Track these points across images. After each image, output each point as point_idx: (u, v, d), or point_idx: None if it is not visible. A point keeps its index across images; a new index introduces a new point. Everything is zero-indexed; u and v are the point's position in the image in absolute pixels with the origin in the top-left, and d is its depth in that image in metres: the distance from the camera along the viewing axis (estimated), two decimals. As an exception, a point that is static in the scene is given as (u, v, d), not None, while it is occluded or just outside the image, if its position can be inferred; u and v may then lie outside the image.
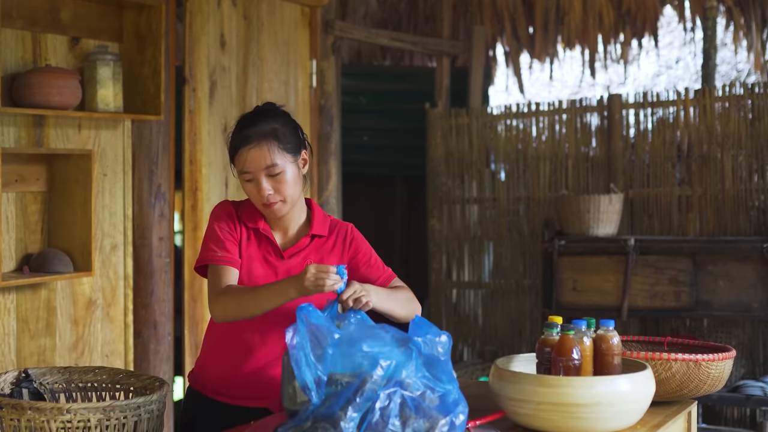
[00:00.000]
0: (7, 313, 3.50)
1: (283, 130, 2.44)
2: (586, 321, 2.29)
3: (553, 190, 6.03)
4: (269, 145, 2.41)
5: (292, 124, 2.49)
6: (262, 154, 2.40)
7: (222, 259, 2.43)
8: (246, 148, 2.41)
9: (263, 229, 2.49)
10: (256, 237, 2.50)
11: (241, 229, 2.49)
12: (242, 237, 2.48)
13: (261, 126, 2.42)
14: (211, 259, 2.44)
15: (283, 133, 2.44)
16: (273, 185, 2.42)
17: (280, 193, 2.43)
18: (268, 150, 2.41)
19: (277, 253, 2.49)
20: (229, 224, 2.49)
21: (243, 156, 2.41)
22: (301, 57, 4.90)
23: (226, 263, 2.43)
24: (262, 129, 2.42)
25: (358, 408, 1.83)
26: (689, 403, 2.48)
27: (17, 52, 3.52)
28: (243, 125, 2.45)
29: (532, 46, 6.92)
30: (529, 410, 2.11)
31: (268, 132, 2.42)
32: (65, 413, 2.09)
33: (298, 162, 2.48)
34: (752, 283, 4.98)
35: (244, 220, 2.51)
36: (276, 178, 2.42)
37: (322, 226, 2.54)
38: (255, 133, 2.41)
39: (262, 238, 2.50)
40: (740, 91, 5.51)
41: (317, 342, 1.93)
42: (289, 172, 2.44)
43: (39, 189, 3.61)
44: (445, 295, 6.49)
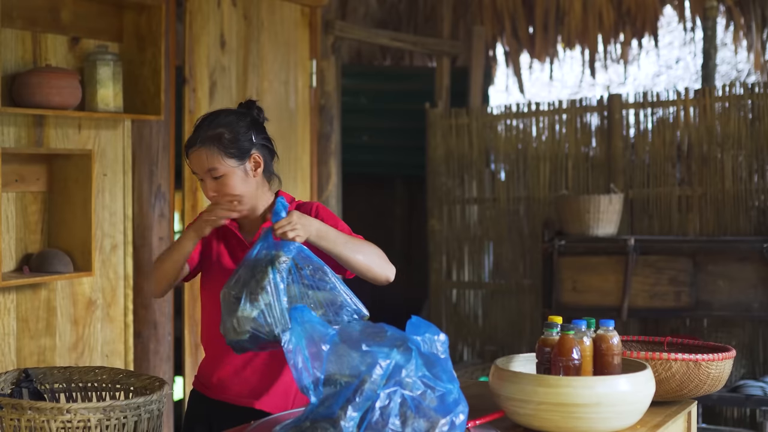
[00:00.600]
0: (7, 313, 3.50)
1: (229, 135, 2.49)
2: (586, 321, 2.28)
3: (553, 190, 6.03)
4: (210, 150, 2.47)
5: (242, 128, 2.51)
6: (201, 158, 2.48)
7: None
8: (190, 150, 2.51)
9: (228, 225, 2.56)
10: (224, 235, 2.58)
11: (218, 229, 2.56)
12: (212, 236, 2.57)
13: (206, 130, 2.49)
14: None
15: (228, 140, 2.48)
16: (217, 187, 2.49)
17: (225, 195, 2.49)
18: (207, 155, 2.47)
19: (242, 245, 2.54)
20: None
21: (189, 157, 2.52)
22: (301, 57, 4.90)
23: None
24: (206, 133, 2.49)
25: (357, 407, 1.83)
26: (689, 403, 2.48)
27: (17, 52, 3.52)
28: (195, 127, 2.54)
29: (532, 46, 6.92)
30: (529, 410, 2.11)
31: (211, 137, 2.48)
32: (65, 413, 2.09)
33: (246, 166, 2.51)
34: (752, 283, 4.98)
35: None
36: (219, 181, 2.49)
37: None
38: (199, 137, 2.49)
39: (229, 235, 2.58)
40: (740, 91, 5.51)
41: (312, 341, 1.93)
42: (232, 176, 2.49)
43: (39, 189, 3.61)
44: (445, 295, 6.49)
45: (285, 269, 2.26)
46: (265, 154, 2.54)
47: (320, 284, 2.28)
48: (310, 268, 2.29)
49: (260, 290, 2.23)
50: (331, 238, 2.37)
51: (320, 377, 1.91)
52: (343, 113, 5.88)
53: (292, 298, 2.25)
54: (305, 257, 2.30)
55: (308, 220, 2.33)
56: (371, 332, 1.96)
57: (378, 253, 2.47)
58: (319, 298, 2.27)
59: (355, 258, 2.41)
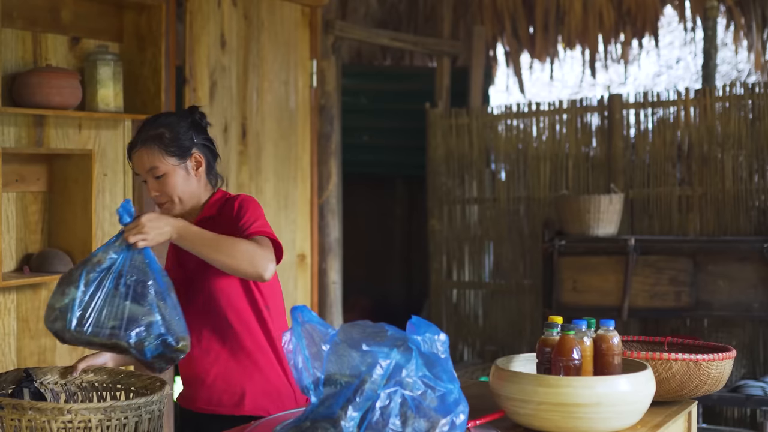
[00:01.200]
0: (8, 313, 3.50)
1: (170, 134, 2.52)
2: (586, 321, 2.28)
3: (554, 190, 6.03)
4: (150, 149, 2.52)
5: (183, 128, 2.55)
6: (142, 158, 2.53)
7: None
8: (132, 152, 2.56)
9: None
10: None
11: None
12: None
13: (148, 130, 2.53)
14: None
15: (169, 138, 2.52)
16: (159, 187, 2.52)
17: (166, 194, 2.53)
18: (148, 154, 2.52)
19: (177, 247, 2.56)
20: None
21: (131, 159, 2.56)
22: (301, 57, 4.90)
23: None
24: (148, 133, 2.53)
25: (358, 407, 1.83)
26: (689, 403, 2.48)
27: (17, 52, 3.52)
28: (137, 130, 2.59)
29: (532, 46, 6.92)
30: (530, 410, 2.11)
31: (152, 136, 2.52)
32: (66, 413, 2.09)
33: (187, 164, 2.54)
34: (752, 283, 4.98)
35: None
36: (161, 180, 2.52)
37: (210, 209, 2.59)
38: (140, 137, 2.54)
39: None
40: (740, 91, 5.51)
41: (312, 341, 1.93)
42: (173, 175, 2.52)
43: (39, 189, 3.62)
44: (446, 295, 6.49)
45: (99, 270, 2.26)
46: (206, 154, 2.58)
47: (137, 298, 2.27)
48: (133, 278, 2.28)
49: (71, 284, 2.26)
50: (191, 238, 2.34)
51: (320, 377, 1.91)
52: (344, 113, 5.88)
53: (100, 300, 2.26)
54: (137, 267, 2.29)
55: (163, 223, 2.32)
56: (371, 332, 1.96)
57: (246, 251, 2.35)
58: (123, 309, 2.25)
59: (217, 257, 2.34)
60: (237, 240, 2.37)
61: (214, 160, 2.63)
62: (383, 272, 7.69)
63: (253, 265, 2.35)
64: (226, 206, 2.55)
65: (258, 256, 2.36)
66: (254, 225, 2.46)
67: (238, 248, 2.35)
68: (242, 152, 4.52)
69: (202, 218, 2.55)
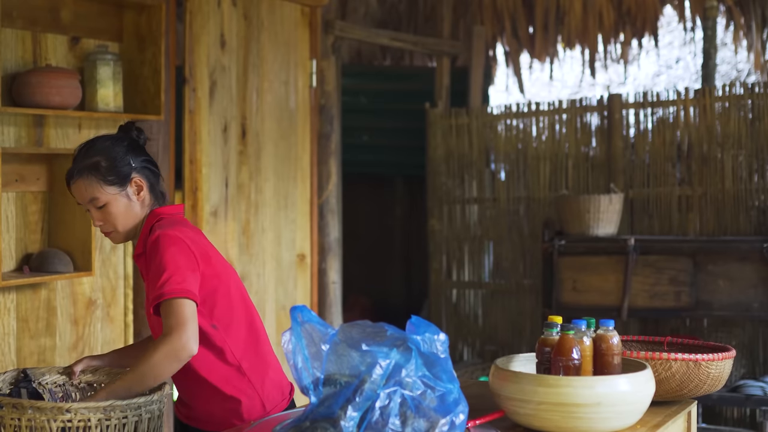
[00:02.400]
0: (7, 313, 3.50)
1: (106, 163, 2.44)
2: (586, 321, 2.28)
3: (553, 190, 6.03)
4: (88, 180, 2.45)
5: (119, 153, 2.46)
6: (80, 189, 2.46)
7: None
8: (70, 183, 2.48)
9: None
10: None
11: None
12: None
13: (82, 160, 2.46)
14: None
15: (106, 167, 2.44)
16: (102, 216, 2.46)
17: (110, 224, 2.47)
18: (86, 185, 2.45)
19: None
20: None
21: (70, 189, 2.49)
22: (301, 57, 4.90)
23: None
24: (83, 163, 2.46)
25: (357, 407, 1.83)
26: (689, 403, 2.48)
27: (17, 51, 3.52)
28: (73, 158, 2.50)
29: (532, 45, 6.92)
30: (529, 410, 2.11)
31: (88, 166, 2.45)
32: (65, 413, 2.09)
33: (128, 191, 2.46)
34: (752, 283, 4.98)
35: None
36: (103, 210, 2.46)
37: (142, 244, 2.48)
38: (76, 168, 2.46)
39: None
40: (740, 91, 5.51)
41: (312, 341, 1.93)
42: (115, 204, 2.46)
43: (39, 189, 3.61)
44: (445, 295, 6.49)
45: None
46: (147, 176, 2.49)
47: None
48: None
49: None
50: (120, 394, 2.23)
51: (320, 377, 1.91)
52: (343, 113, 5.88)
53: None
54: None
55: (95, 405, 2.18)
56: (371, 332, 1.96)
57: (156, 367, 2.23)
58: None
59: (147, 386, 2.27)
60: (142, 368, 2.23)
61: (156, 179, 2.52)
62: (383, 272, 7.69)
63: (172, 365, 2.23)
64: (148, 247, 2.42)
65: (166, 360, 2.22)
66: (156, 293, 2.29)
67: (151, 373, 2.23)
68: (242, 152, 4.52)
69: (136, 255, 2.49)
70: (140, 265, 2.47)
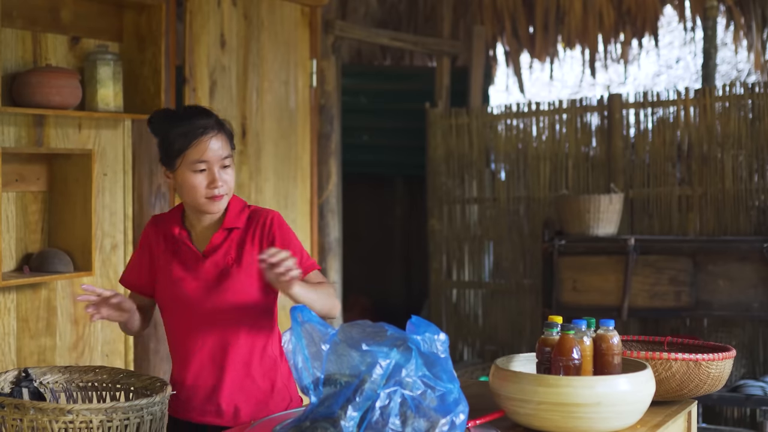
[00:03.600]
0: (8, 313, 3.50)
1: (230, 128, 2.49)
2: (586, 321, 2.28)
3: (553, 190, 6.03)
4: (224, 137, 2.44)
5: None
6: (221, 144, 2.42)
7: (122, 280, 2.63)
8: (207, 136, 2.40)
9: (179, 236, 2.49)
10: (174, 244, 2.51)
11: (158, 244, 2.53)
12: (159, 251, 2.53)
13: (214, 118, 2.45)
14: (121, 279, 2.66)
15: (227, 129, 2.48)
16: (223, 178, 2.43)
17: (227, 186, 2.45)
18: (223, 142, 2.44)
19: (196, 256, 2.48)
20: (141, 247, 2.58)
21: (203, 145, 2.40)
22: (301, 57, 4.90)
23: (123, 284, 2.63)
24: (216, 121, 2.45)
25: (358, 407, 1.83)
26: (689, 403, 2.48)
27: (17, 51, 3.52)
28: (193, 116, 2.43)
29: (532, 45, 6.92)
30: (529, 410, 2.11)
31: (221, 124, 2.46)
32: (67, 414, 2.09)
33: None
34: (752, 283, 4.98)
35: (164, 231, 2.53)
36: (226, 170, 2.44)
37: (236, 219, 2.50)
38: (214, 122, 2.44)
39: (180, 245, 2.50)
40: (740, 91, 5.51)
41: (312, 341, 1.93)
42: (233, 169, 2.47)
43: (39, 189, 3.61)
44: (445, 295, 6.49)
45: None
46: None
47: None
48: None
49: None
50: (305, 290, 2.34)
51: (320, 377, 1.91)
52: (343, 113, 5.88)
53: None
54: None
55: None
56: (371, 332, 1.96)
57: (329, 293, 2.44)
58: None
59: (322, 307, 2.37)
60: (324, 289, 2.42)
61: None
62: (383, 272, 7.69)
63: (331, 309, 2.42)
64: (255, 222, 2.48)
65: (335, 301, 2.44)
66: (305, 260, 2.46)
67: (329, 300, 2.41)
68: (242, 152, 4.52)
69: (228, 227, 2.47)
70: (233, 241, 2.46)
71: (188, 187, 2.42)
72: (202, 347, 2.48)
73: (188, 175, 2.41)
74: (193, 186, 2.41)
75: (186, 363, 2.51)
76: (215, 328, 2.46)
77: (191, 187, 2.42)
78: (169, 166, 2.45)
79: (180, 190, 2.46)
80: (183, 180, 2.42)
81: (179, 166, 2.42)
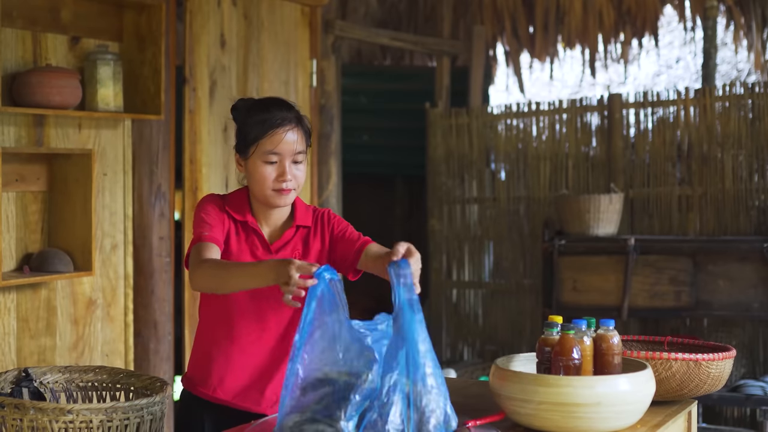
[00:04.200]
0: (8, 313, 3.50)
1: (305, 122, 2.49)
2: (586, 320, 2.28)
3: (554, 189, 6.03)
4: (300, 131, 2.45)
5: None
6: (296, 138, 2.43)
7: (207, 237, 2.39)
8: (284, 128, 2.41)
9: (251, 223, 2.47)
10: (243, 230, 2.48)
11: (228, 221, 2.47)
12: (230, 229, 2.47)
13: (293, 112, 2.45)
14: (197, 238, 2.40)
15: (305, 125, 2.48)
16: (293, 172, 2.43)
17: (297, 181, 2.44)
18: (300, 136, 2.44)
19: (265, 247, 2.47)
20: (218, 212, 2.47)
21: (278, 136, 2.40)
22: (301, 57, 4.90)
23: (209, 241, 2.38)
24: (296, 115, 2.45)
25: (356, 407, 1.84)
26: (689, 403, 2.48)
27: (17, 51, 3.53)
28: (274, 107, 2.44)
29: (532, 45, 6.92)
30: (530, 410, 2.11)
31: (300, 118, 2.46)
32: (67, 414, 2.09)
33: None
34: (752, 283, 4.98)
35: (231, 213, 2.48)
36: (297, 166, 2.44)
37: (305, 217, 2.52)
38: (294, 116, 2.44)
39: (250, 232, 2.48)
40: (740, 91, 5.51)
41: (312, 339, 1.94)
42: (305, 164, 2.47)
43: (39, 188, 3.62)
44: (446, 295, 6.49)
45: None
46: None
47: None
48: None
49: None
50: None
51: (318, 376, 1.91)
52: (343, 113, 5.88)
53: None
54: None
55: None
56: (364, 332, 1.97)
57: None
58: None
59: None
60: None
61: None
62: (383, 272, 7.68)
63: None
64: (320, 220, 2.52)
65: None
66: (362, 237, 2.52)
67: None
68: (242, 152, 4.52)
69: (298, 226, 2.49)
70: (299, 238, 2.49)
71: (258, 176, 2.42)
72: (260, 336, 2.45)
73: (259, 165, 2.42)
74: (262, 176, 2.41)
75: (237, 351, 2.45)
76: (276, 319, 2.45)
77: (261, 177, 2.42)
78: (242, 153, 2.44)
79: (249, 178, 2.46)
80: (254, 169, 2.43)
81: (252, 154, 2.42)
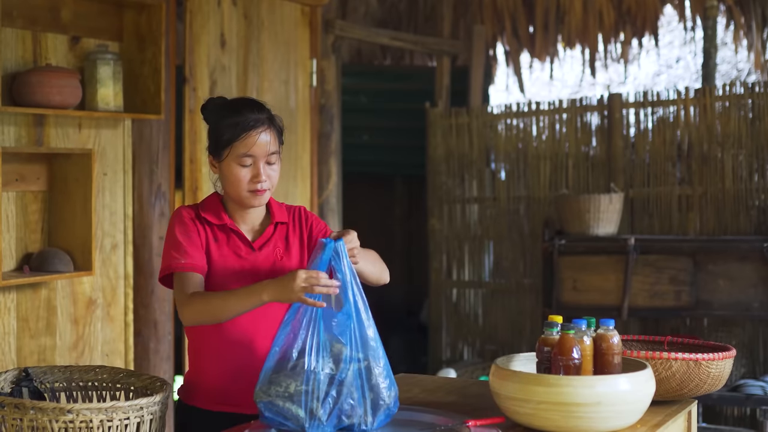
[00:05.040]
0: (8, 313, 3.50)
1: (280, 122, 2.49)
2: (586, 320, 2.28)
3: (554, 189, 6.03)
4: (273, 132, 2.44)
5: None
6: (269, 139, 2.42)
7: (187, 266, 2.38)
8: (257, 131, 2.40)
9: (230, 224, 2.47)
10: (222, 233, 2.47)
11: (205, 230, 2.46)
12: (208, 238, 2.45)
13: (266, 112, 2.45)
14: (174, 267, 2.39)
15: (280, 126, 2.48)
16: (267, 173, 2.43)
17: (271, 181, 2.45)
18: (273, 137, 2.43)
19: (248, 246, 2.47)
20: (190, 229, 2.44)
21: (251, 139, 2.39)
22: (301, 56, 4.90)
23: (190, 269, 2.38)
24: (268, 115, 2.44)
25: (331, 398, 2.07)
26: (689, 403, 2.48)
27: (18, 51, 3.53)
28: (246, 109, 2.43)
29: (532, 45, 6.92)
30: (530, 410, 2.11)
31: (271, 118, 2.45)
32: (67, 413, 2.09)
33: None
34: (752, 282, 4.98)
35: (207, 219, 2.47)
36: (271, 166, 2.45)
37: (281, 214, 2.55)
38: (266, 117, 2.43)
39: (230, 234, 2.47)
40: (740, 91, 5.51)
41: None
42: (279, 165, 2.48)
43: (39, 188, 3.62)
44: (446, 295, 6.49)
45: None
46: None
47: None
48: None
49: None
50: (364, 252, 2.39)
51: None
52: (344, 112, 5.87)
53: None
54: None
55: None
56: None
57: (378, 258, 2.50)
58: None
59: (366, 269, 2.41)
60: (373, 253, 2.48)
61: None
62: (383, 272, 7.68)
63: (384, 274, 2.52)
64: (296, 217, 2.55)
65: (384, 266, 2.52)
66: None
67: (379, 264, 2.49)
68: (242, 152, 4.52)
69: (277, 223, 2.51)
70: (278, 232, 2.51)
71: (233, 179, 2.43)
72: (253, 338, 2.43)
73: (234, 168, 2.42)
74: (237, 178, 2.42)
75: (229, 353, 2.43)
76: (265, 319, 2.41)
77: (236, 180, 2.43)
78: (216, 155, 2.45)
79: (224, 180, 2.46)
80: (228, 171, 2.43)
81: (226, 157, 2.42)
